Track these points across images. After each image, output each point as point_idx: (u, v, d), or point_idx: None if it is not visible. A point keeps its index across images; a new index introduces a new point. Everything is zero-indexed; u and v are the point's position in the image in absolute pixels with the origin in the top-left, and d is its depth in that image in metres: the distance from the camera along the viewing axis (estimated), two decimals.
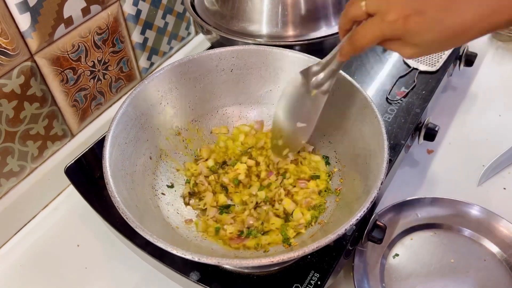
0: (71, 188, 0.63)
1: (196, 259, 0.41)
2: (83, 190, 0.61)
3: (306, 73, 0.54)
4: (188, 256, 0.41)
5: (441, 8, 0.38)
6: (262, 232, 0.54)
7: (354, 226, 0.51)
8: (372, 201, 0.44)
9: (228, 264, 0.42)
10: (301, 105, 0.56)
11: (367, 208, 0.44)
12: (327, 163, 0.60)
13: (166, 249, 0.42)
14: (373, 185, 0.46)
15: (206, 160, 0.63)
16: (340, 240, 0.55)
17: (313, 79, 0.54)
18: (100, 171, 0.49)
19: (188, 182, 0.60)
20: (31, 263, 0.65)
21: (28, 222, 0.70)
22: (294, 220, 0.55)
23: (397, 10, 0.39)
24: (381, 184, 0.46)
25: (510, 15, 0.38)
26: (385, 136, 0.50)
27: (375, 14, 0.41)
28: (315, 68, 0.53)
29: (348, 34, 0.46)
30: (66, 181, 0.62)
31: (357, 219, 0.43)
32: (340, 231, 0.42)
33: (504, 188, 0.72)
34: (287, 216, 0.56)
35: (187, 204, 0.58)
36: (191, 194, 0.59)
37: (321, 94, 0.54)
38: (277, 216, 0.56)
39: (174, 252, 0.41)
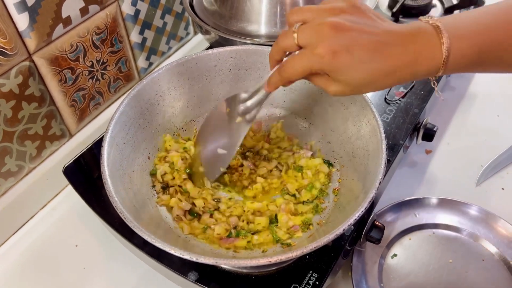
0: (70, 188, 0.63)
1: (194, 259, 0.41)
2: (81, 190, 0.61)
3: (233, 100, 0.54)
4: (186, 256, 0.41)
5: (368, 50, 0.40)
6: (252, 232, 0.54)
7: (352, 226, 0.51)
8: (370, 201, 0.44)
9: (226, 264, 0.42)
10: (223, 131, 0.56)
11: (365, 208, 0.44)
12: (330, 164, 0.60)
13: (164, 249, 0.42)
14: (371, 185, 0.46)
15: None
16: (339, 240, 0.55)
17: (240, 106, 0.53)
18: (99, 171, 0.49)
19: (154, 172, 0.58)
20: (30, 263, 0.65)
21: (26, 222, 0.70)
22: (281, 222, 0.54)
23: (326, 45, 0.39)
24: (379, 184, 0.46)
25: (429, 66, 0.41)
26: (383, 137, 0.50)
27: (306, 47, 0.41)
28: (243, 96, 0.53)
29: (278, 66, 0.46)
30: (65, 181, 0.62)
31: (355, 219, 0.43)
32: (338, 231, 0.42)
33: (503, 188, 0.72)
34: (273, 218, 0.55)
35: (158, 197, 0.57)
36: (164, 188, 0.58)
37: (245, 122, 0.53)
38: (260, 215, 0.55)
39: (172, 252, 0.41)
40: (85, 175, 0.64)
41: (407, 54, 0.40)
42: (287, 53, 0.45)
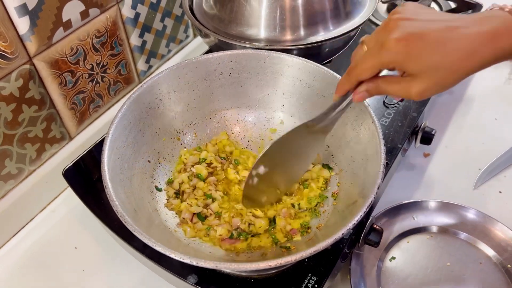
0: (69, 190, 0.63)
1: (194, 263, 0.41)
2: (81, 192, 0.62)
3: (304, 128, 0.52)
4: (186, 260, 0.41)
5: (441, 31, 0.37)
6: (252, 235, 0.54)
7: (351, 230, 0.51)
8: (369, 205, 0.45)
9: (226, 268, 0.43)
10: (298, 147, 0.54)
11: (364, 213, 0.44)
12: (328, 168, 0.60)
13: (165, 253, 0.42)
14: (370, 189, 0.47)
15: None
16: (337, 243, 0.56)
17: (313, 128, 0.52)
18: (98, 173, 0.49)
19: (171, 181, 0.60)
20: (29, 265, 0.65)
21: (26, 224, 0.70)
22: (279, 226, 0.55)
23: (395, 36, 0.38)
24: (378, 188, 0.46)
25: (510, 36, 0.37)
26: (382, 141, 0.50)
27: (374, 46, 0.40)
28: (311, 123, 0.51)
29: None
30: (64, 183, 0.62)
31: (354, 223, 0.43)
32: (338, 235, 0.43)
33: (500, 192, 0.72)
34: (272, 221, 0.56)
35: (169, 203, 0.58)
36: (176, 194, 0.59)
37: (322, 134, 0.53)
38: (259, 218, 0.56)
39: (172, 256, 0.42)
40: (84, 177, 0.64)
41: (484, 31, 0.37)
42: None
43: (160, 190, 0.59)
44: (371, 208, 0.65)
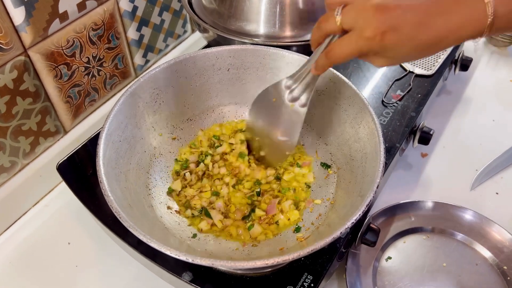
0: (63, 185, 0.63)
1: (190, 260, 0.41)
2: (75, 187, 0.61)
3: (277, 88, 0.55)
4: (182, 257, 0.41)
5: (414, 26, 0.41)
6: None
7: (348, 229, 0.51)
8: (368, 204, 0.44)
9: (222, 266, 0.42)
10: (278, 120, 0.57)
11: (362, 212, 0.44)
12: (327, 166, 0.60)
13: (160, 249, 0.41)
14: (368, 188, 0.46)
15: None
16: (334, 243, 0.55)
17: (287, 92, 0.55)
18: (93, 168, 0.48)
19: (178, 172, 0.60)
20: (21, 260, 0.64)
21: (19, 218, 0.69)
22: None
23: (374, 27, 0.41)
24: (377, 187, 0.46)
25: (473, 32, 0.41)
26: (381, 139, 0.50)
27: (351, 30, 0.43)
28: (287, 82, 0.54)
29: (320, 46, 0.48)
30: (58, 178, 0.61)
31: (353, 222, 0.43)
32: (336, 234, 0.42)
33: (497, 193, 0.72)
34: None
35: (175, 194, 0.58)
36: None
37: (300, 107, 0.55)
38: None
39: (168, 253, 0.41)
40: (79, 172, 0.63)
41: (452, 22, 0.41)
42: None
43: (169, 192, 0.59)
44: (369, 208, 0.65)
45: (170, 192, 0.58)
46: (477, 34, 0.42)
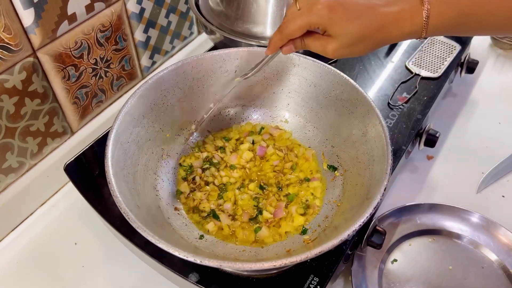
0: (70, 185, 0.63)
1: (198, 262, 0.41)
2: (82, 188, 0.61)
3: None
4: (190, 258, 0.41)
5: (361, 6, 0.45)
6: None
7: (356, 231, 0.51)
8: (375, 207, 0.44)
9: (230, 267, 0.42)
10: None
11: (370, 214, 0.44)
12: (333, 168, 0.60)
13: (168, 250, 0.41)
14: (376, 190, 0.46)
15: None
16: (340, 245, 0.55)
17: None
18: (100, 169, 0.49)
19: (185, 177, 0.60)
20: (28, 260, 0.65)
21: (26, 219, 0.69)
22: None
23: (324, 2, 0.45)
24: (384, 189, 0.46)
25: (412, 26, 0.45)
26: (388, 142, 0.50)
27: (305, 7, 0.46)
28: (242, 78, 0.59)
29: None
30: (65, 178, 0.62)
31: (361, 225, 0.43)
32: (344, 236, 0.42)
33: (503, 196, 0.72)
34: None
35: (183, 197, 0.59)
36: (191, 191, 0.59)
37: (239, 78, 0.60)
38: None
39: (177, 254, 0.41)
40: (86, 173, 0.63)
41: (393, 12, 0.45)
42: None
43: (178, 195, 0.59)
44: (375, 210, 0.65)
45: (178, 194, 0.58)
46: (417, 31, 0.45)
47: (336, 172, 0.59)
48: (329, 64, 0.60)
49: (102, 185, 0.60)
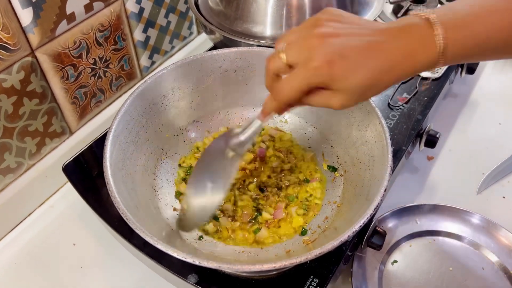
0: (69, 186, 0.63)
1: (197, 263, 0.40)
2: (80, 188, 0.61)
3: (227, 136, 0.50)
4: (189, 259, 0.41)
5: (362, 50, 0.38)
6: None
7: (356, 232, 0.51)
8: (376, 208, 0.44)
9: (229, 268, 0.42)
10: (217, 170, 0.51)
11: (371, 215, 0.43)
12: (333, 169, 0.60)
13: (167, 251, 0.41)
14: (376, 191, 0.46)
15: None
16: (340, 246, 0.55)
17: (234, 140, 0.50)
18: (98, 169, 0.48)
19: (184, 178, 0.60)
20: (26, 261, 0.64)
21: (24, 219, 0.69)
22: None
23: (320, 56, 0.38)
24: (384, 190, 0.45)
25: (427, 58, 0.39)
26: (389, 143, 0.50)
27: (297, 64, 0.40)
28: (236, 130, 0.50)
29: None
30: (64, 178, 0.62)
31: (361, 226, 0.43)
32: (343, 237, 0.42)
33: (504, 197, 0.72)
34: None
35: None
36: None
37: (238, 156, 0.50)
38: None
39: (175, 255, 0.41)
40: (84, 173, 0.63)
41: (402, 47, 0.39)
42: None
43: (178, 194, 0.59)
44: (375, 211, 0.65)
45: (178, 195, 0.58)
46: (433, 62, 0.39)
47: (336, 172, 0.59)
48: None
49: (100, 185, 0.60)
